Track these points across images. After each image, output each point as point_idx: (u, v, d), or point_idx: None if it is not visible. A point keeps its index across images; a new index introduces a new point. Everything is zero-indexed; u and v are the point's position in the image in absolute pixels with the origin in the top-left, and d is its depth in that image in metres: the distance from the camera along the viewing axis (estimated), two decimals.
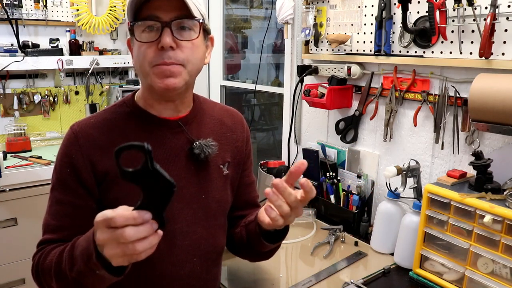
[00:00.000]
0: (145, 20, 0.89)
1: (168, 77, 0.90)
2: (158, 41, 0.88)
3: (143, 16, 0.89)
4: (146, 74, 0.92)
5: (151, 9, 0.88)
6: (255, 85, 2.52)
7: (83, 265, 0.76)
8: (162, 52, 0.89)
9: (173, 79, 0.90)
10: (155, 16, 0.88)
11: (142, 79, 0.96)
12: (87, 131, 0.95)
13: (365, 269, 1.37)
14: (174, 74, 0.90)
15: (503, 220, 1.05)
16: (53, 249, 0.90)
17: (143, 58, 0.90)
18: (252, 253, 1.10)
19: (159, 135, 0.99)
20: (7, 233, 2.12)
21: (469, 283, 1.16)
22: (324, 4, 1.80)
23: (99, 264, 0.72)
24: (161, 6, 0.88)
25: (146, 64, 0.90)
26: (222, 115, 1.12)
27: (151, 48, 0.89)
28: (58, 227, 0.93)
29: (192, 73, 0.95)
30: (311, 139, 2.03)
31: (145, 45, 0.90)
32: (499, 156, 1.30)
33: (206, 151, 0.99)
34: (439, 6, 1.32)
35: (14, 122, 2.64)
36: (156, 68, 0.90)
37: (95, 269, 0.74)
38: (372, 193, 1.67)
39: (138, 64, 0.93)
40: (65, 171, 0.93)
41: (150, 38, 0.89)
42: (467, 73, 1.36)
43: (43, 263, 0.89)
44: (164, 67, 0.89)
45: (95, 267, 0.73)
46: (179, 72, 0.91)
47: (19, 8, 2.56)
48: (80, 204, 0.93)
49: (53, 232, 0.94)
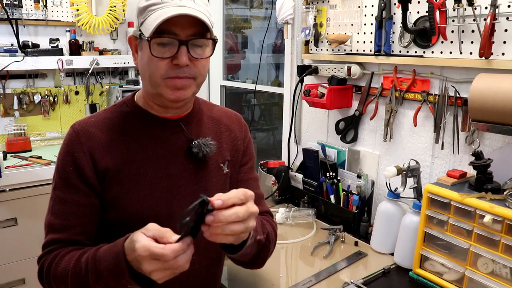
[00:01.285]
0: (163, 35, 0.88)
1: (179, 89, 0.92)
2: (173, 57, 0.89)
3: (159, 30, 0.88)
4: (157, 85, 0.92)
5: (168, 23, 0.87)
6: (255, 85, 2.52)
7: (111, 280, 0.79)
8: (175, 67, 0.90)
9: (184, 91, 0.93)
10: (172, 32, 0.88)
11: (149, 86, 0.96)
12: (88, 129, 0.96)
13: (365, 269, 1.37)
14: (185, 86, 0.92)
15: (503, 220, 1.05)
16: (65, 256, 0.90)
17: (155, 70, 0.91)
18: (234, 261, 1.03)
19: (158, 134, 1.00)
20: (7, 233, 2.12)
21: (469, 283, 1.16)
22: (324, 4, 1.80)
23: (133, 281, 0.76)
24: (178, 22, 0.88)
25: (158, 76, 0.91)
26: (220, 115, 1.13)
27: (165, 62, 0.90)
28: (63, 226, 0.93)
29: (200, 84, 0.97)
30: (311, 139, 2.03)
31: (159, 58, 0.90)
32: (499, 156, 1.30)
33: (205, 150, 1.00)
34: (439, 6, 1.32)
35: (14, 122, 2.63)
36: (169, 81, 0.91)
37: (127, 284, 0.77)
38: (372, 193, 1.67)
39: (148, 73, 0.93)
40: (67, 169, 0.94)
41: (165, 54, 0.89)
42: (467, 73, 1.36)
43: (55, 270, 0.89)
44: (177, 80, 0.91)
45: (128, 283, 0.77)
46: (189, 85, 0.93)
47: (19, 8, 2.56)
48: (84, 202, 0.94)
49: (58, 232, 0.93)
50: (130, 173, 0.96)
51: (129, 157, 0.96)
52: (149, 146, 0.98)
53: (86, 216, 0.94)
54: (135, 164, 0.96)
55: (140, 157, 0.97)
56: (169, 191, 0.98)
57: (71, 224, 0.93)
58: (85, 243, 0.94)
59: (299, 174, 1.88)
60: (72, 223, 0.93)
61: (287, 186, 1.94)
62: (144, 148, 0.98)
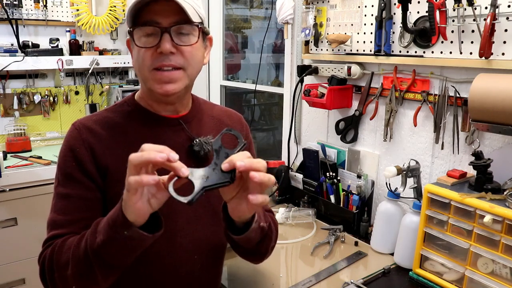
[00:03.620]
0: (144, 25, 0.89)
1: (167, 83, 0.92)
2: (157, 46, 0.89)
3: (142, 21, 0.89)
4: (146, 79, 0.93)
5: (150, 13, 0.88)
6: (255, 85, 2.52)
7: (108, 229, 0.75)
8: (160, 56, 0.90)
9: (172, 85, 0.92)
10: (154, 21, 0.89)
11: (142, 82, 0.98)
12: (89, 126, 0.97)
13: (365, 269, 1.37)
14: (173, 80, 0.92)
15: (503, 220, 1.05)
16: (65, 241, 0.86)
17: (142, 62, 0.92)
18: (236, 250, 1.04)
19: (159, 132, 1.00)
20: (7, 233, 2.12)
21: (469, 283, 1.16)
22: (324, 4, 1.80)
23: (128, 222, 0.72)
24: (160, 11, 0.88)
25: (145, 69, 0.92)
26: (221, 115, 1.14)
27: (150, 52, 0.90)
28: (67, 221, 0.92)
29: (192, 76, 0.97)
30: (311, 139, 2.03)
31: (144, 49, 0.91)
32: (499, 156, 1.30)
33: (206, 148, 1.01)
34: (439, 6, 1.32)
35: (14, 122, 2.64)
36: (155, 73, 0.91)
37: (123, 229, 0.72)
38: (372, 193, 1.67)
39: (137, 68, 0.94)
40: (70, 165, 0.94)
41: (149, 43, 0.90)
42: (467, 73, 1.36)
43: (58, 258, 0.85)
44: (164, 73, 0.91)
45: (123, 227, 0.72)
46: (179, 78, 0.93)
47: (19, 8, 2.56)
48: (87, 196, 0.93)
49: (61, 227, 0.91)
50: None
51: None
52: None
53: (90, 210, 0.93)
54: None
55: None
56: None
57: (74, 219, 0.92)
58: None
59: (299, 174, 1.88)
60: (76, 218, 0.92)
61: (287, 186, 1.94)
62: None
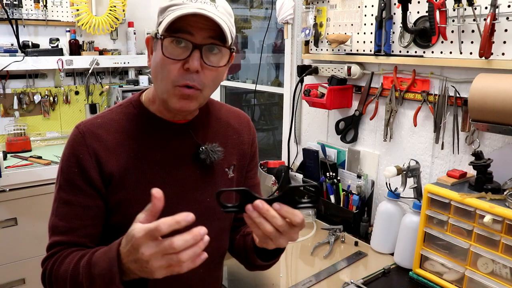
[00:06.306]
0: (177, 32, 0.85)
1: (186, 99, 0.89)
2: (185, 61, 0.86)
3: (175, 27, 0.85)
4: (166, 91, 0.90)
5: (185, 23, 0.84)
6: (255, 85, 2.52)
7: (103, 285, 0.77)
8: (186, 73, 0.86)
9: (189, 102, 0.90)
10: (189, 31, 0.85)
11: (158, 90, 0.93)
12: (94, 131, 0.94)
13: (365, 269, 1.37)
14: (191, 97, 0.89)
15: (503, 220, 1.05)
16: (67, 257, 0.89)
17: (167, 75, 0.87)
18: (248, 264, 1.08)
19: (165, 138, 0.98)
20: (7, 233, 2.11)
21: (469, 283, 1.16)
22: (324, 4, 1.80)
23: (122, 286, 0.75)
24: (196, 23, 0.85)
25: (169, 82, 0.88)
26: (229, 117, 1.11)
27: (176, 66, 0.86)
28: (68, 228, 0.92)
29: (207, 96, 0.94)
30: (311, 139, 2.03)
31: (170, 60, 0.86)
32: (499, 156, 1.30)
33: (212, 157, 0.99)
34: (439, 6, 1.32)
35: (14, 122, 2.63)
36: (177, 90, 0.88)
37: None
38: (372, 193, 1.67)
39: (160, 77, 0.90)
40: (72, 171, 0.92)
41: (177, 56, 0.86)
42: (467, 73, 1.36)
43: (57, 271, 0.88)
44: (184, 90, 0.88)
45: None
46: (196, 97, 0.90)
47: (19, 8, 2.56)
48: (89, 204, 0.92)
49: (62, 234, 0.92)
50: (136, 178, 0.94)
51: (136, 161, 0.94)
52: (156, 150, 0.96)
53: (90, 218, 0.93)
54: (141, 169, 0.95)
55: (146, 162, 0.95)
56: (175, 196, 0.96)
57: (75, 226, 0.92)
58: (89, 245, 0.93)
59: (299, 174, 1.88)
60: (77, 225, 0.92)
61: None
62: (151, 152, 0.96)
